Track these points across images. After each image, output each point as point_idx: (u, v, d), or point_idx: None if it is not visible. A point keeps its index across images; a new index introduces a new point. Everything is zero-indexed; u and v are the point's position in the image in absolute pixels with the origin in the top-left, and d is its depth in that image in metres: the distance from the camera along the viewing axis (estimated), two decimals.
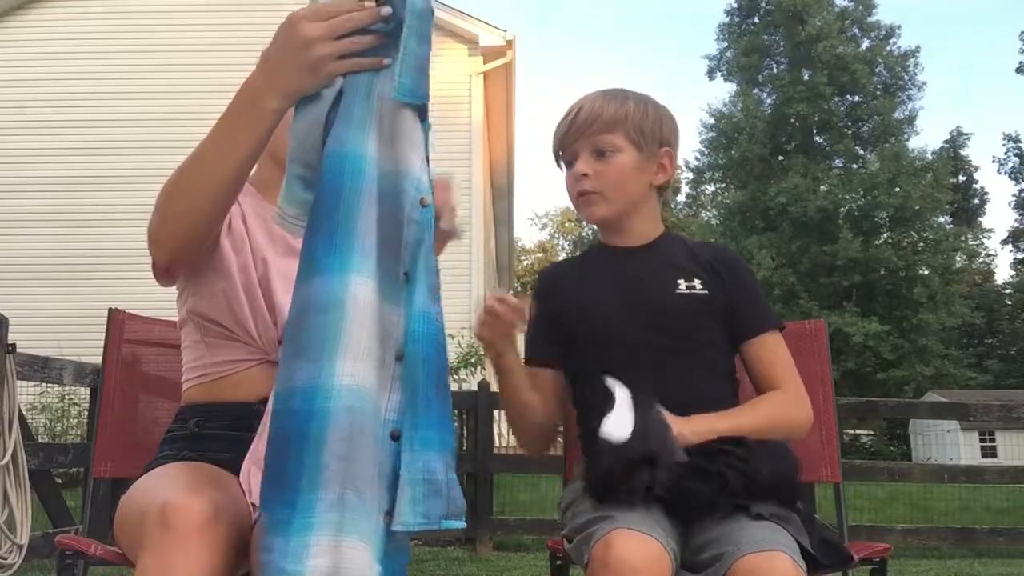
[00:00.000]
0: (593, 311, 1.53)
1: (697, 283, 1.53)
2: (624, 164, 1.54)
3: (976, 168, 38.73)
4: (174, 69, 10.85)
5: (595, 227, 1.66)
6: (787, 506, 1.34)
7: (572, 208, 1.64)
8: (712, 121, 34.80)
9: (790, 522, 1.31)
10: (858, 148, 33.38)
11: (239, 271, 1.44)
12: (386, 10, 1.09)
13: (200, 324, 1.46)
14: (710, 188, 37.09)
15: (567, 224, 47.69)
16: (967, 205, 37.65)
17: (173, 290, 1.53)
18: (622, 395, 1.36)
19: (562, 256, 47.46)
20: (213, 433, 1.42)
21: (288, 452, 1.02)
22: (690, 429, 1.36)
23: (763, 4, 34.48)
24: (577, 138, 1.55)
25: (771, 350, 1.53)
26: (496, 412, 5.63)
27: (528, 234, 52.50)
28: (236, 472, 1.35)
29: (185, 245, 1.30)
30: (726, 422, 1.41)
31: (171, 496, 1.15)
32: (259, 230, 1.50)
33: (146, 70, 10.90)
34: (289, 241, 1.49)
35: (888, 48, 34.01)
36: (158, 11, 11.15)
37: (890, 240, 31.73)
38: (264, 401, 1.40)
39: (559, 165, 1.63)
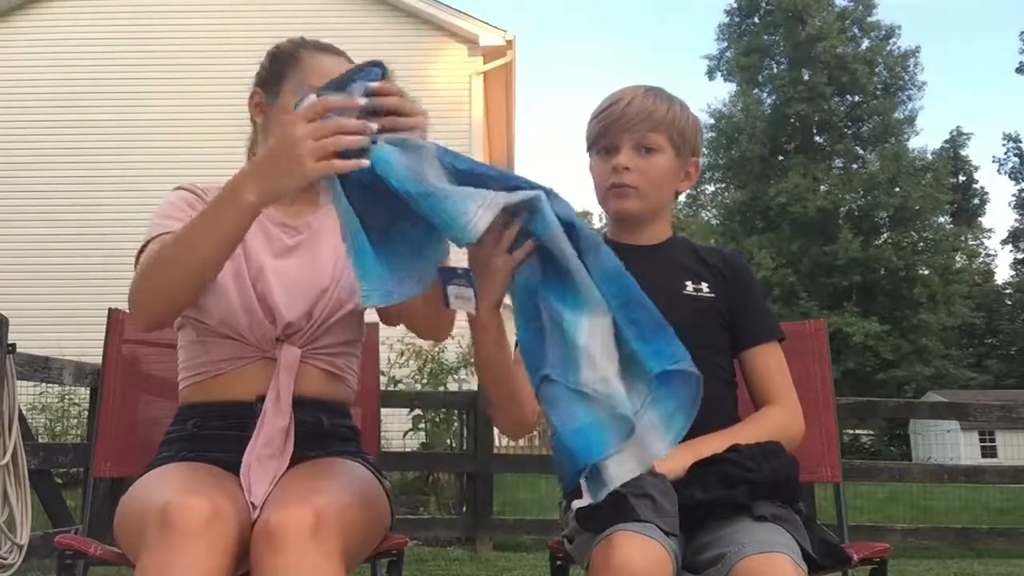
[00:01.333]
0: None
1: (704, 286, 1.54)
2: (663, 165, 1.55)
3: (976, 168, 38.79)
4: (174, 69, 10.86)
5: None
6: (788, 503, 1.34)
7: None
8: (712, 121, 34.78)
9: (792, 523, 1.32)
10: (858, 148, 33.40)
11: (232, 279, 1.43)
12: (361, 101, 1.14)
13: (196, 325, 1.46)
14: (710, 188, 37.09)
15: None
16: (967, 205, 37.64)
17: None
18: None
19: None
20: (212, 434, 1.42)
21: None
22: (677, 464, 1.35)
23: (763, 4, 34.48)
24: (625, 129, 1.53)
25: (769, 361, 1.54)
26: None
27: None
28: (235, 471, 1.35)
29: (160, 317, 1.37)
30: (718, 443, 1.39)
31: (171, 496, 1.15)
32: (255, 232, 1.48)
33: (146, 70, 10.91)
34: (285, 242, 1.50)
35: (888, 48, 34.03)
36: (158, 11, 11.16)
37: (890, 240, 31.74)
38: (262, 399, 1.40)
39: (590, 151, 1.60)
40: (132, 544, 1.26)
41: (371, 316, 1.65)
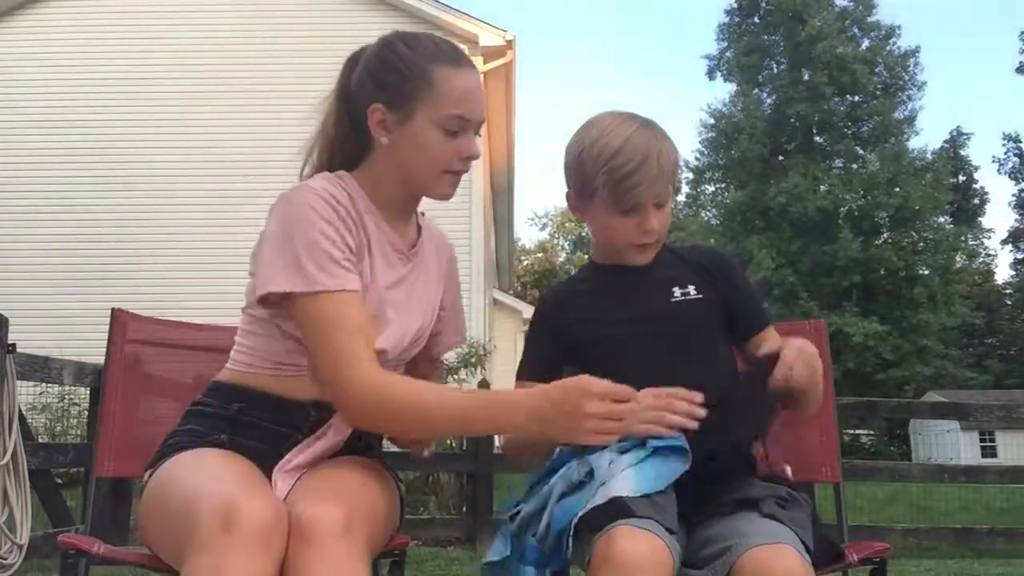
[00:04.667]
0: (599, 329, 1.55)
1: (691, 288, 1.56)
2: (671, 210, 1.58)
3: (976, 168, 38.79)
4: (175, 69, 10.86)
5: (591, 232, 1.65)
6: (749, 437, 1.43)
7: (571, 213, 1.63)
8: (712, 121, 34.82)
9: (797, 522, 1.33)
10: (858, 148, 33.42)
11: None
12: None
13: (280, 330, 1.39)
14: (710, 188, 37.11)
15: (567, 224, 47.67)
16: (967, 205, 37.64)
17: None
18: None
19: (562, 256, 47.45)
20: (254, 422, 1.38)
21: None
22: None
23: (763, 4, 34.49)
24: (652, 192, 1.51)
25: (773, 339, 1.56)
26: None
27: (528, 234, 52.48)
28: (264, 460, 1.33)
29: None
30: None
31: (235, 495, 1.12)
32: (381, 261, 1.45)
33: (147, 70, 10.91)
34: (400, 270, 1.47)
35: (888, 48, 34.04)
36: (159, 11, 11.16)
37: (890, 240, 31.77)
38: (316, 404, 1.37)
39: (601, 203, 1.54)
40: (169, 533, 1.23)
41: None
